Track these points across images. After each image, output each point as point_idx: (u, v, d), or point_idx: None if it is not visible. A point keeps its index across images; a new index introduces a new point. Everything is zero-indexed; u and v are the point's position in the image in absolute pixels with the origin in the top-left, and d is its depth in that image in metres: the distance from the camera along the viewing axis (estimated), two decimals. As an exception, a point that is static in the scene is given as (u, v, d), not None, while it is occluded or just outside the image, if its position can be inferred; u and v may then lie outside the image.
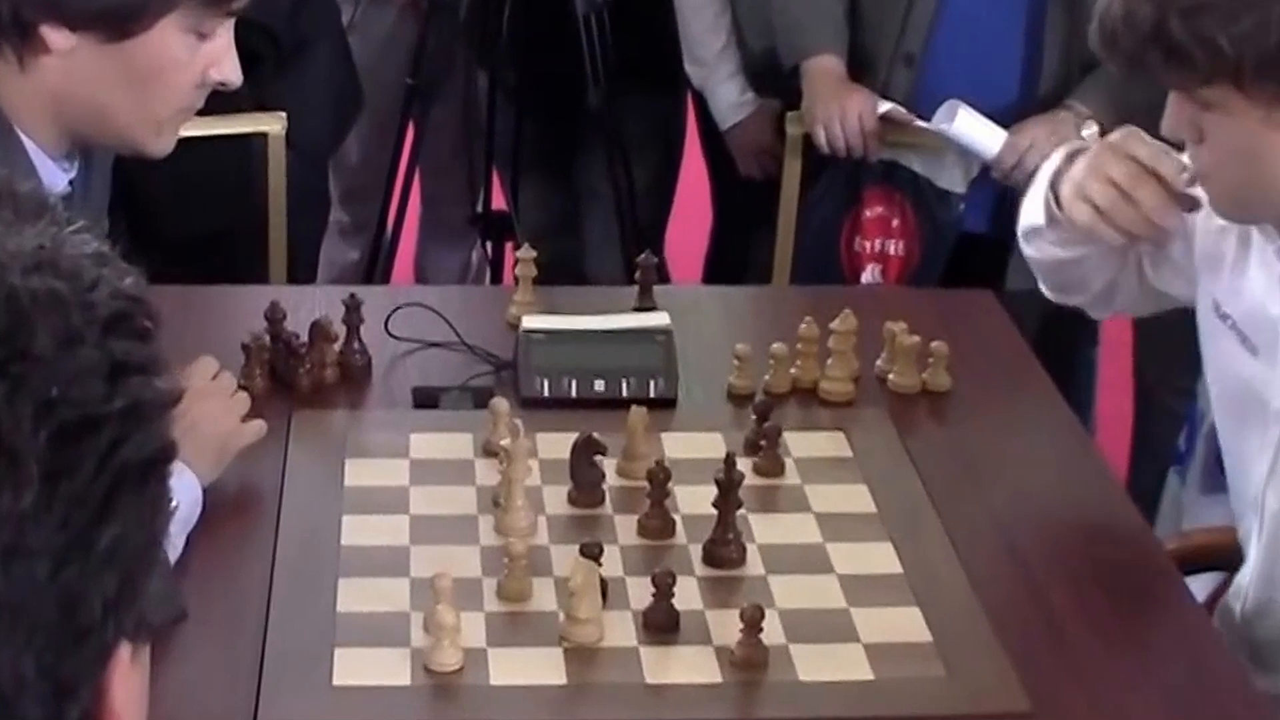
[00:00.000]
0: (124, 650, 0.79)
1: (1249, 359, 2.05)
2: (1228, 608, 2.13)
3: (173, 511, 0.81)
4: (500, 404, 2.20)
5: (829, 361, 2.38)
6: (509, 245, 3.71)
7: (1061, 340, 3.18)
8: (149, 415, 0.77)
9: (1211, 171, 1.97)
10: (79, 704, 0.77)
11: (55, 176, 1.93)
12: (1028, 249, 2.30)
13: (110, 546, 0.75)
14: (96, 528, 0.75)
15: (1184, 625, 2.01)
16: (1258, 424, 2.04)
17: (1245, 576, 2.11)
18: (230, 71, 1.95)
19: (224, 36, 1.93)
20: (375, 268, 3.72)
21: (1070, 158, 2.16)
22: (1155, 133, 2.06)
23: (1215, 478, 2.29)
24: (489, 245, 3.95)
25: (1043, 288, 2.37)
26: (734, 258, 3.77)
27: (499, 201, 3.87)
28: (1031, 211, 2.25)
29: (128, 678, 0.79)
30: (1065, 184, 2.14)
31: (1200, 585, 2.27)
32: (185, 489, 1.97)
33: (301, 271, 3.43)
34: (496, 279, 3.90)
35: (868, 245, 3.23)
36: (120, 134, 1.95)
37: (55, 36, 1.84)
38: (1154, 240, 2.14)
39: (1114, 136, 2.15)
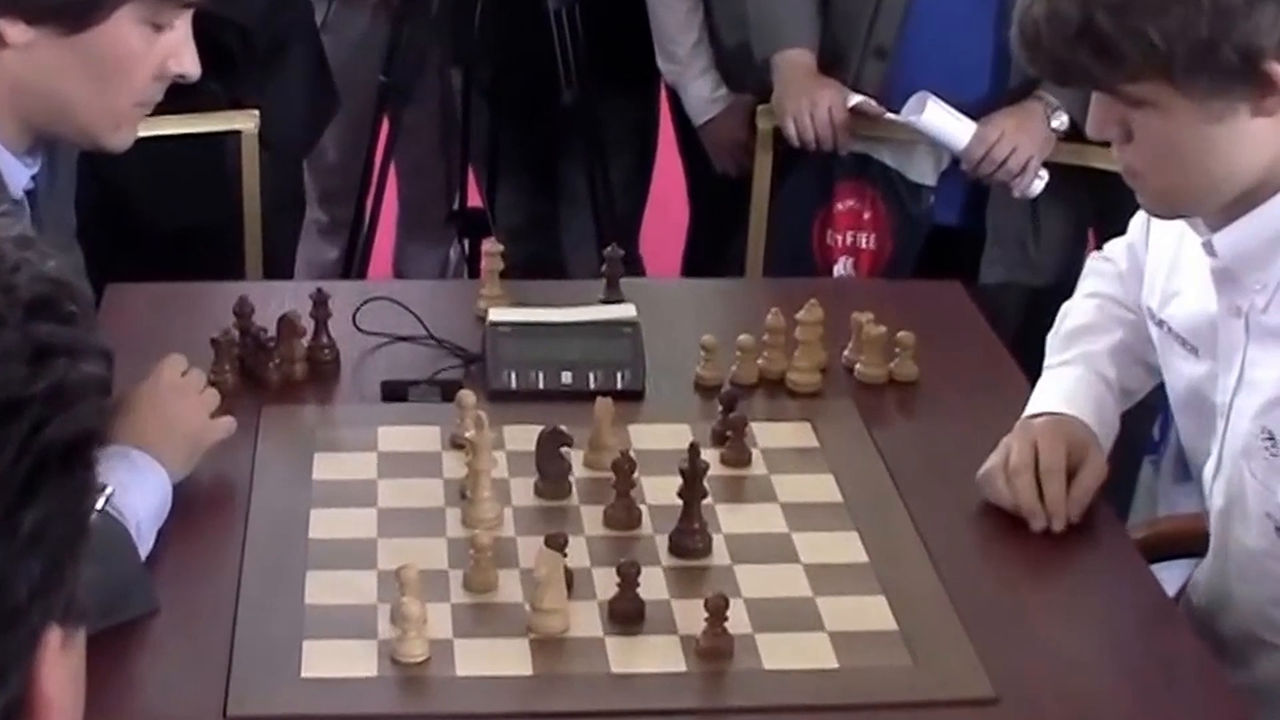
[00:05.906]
0: (54, 635, 0.79)
1: (1192, 360, 2.05)
2: (1188, 599, 2.14)
3: (109, 496, 0.81)
4: (467, 396, 2.20)
5: (796, 352, 2.38)
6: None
7: (1042, 333, 3.17)
8: (73, 398, 0.77)
9: (1142, 170, 1.92)
10: (8, 690, 0.77)
11: (18, 173, 1.93)
12: None
13: (34, 530, 0.75)
14: (19, 511, 0.75)
15: (1150, 614, 2.01)
16: (1206, 422, 2.03)
17: (1201, 571, 2.11)
18: (189, 64, 1.95)
19: (182, 29, 1.94)
20: (352, 266, 3.72)
21: None
22: None
23: (1186, 467, 2.29)
24: (466, 243, 3.96)
25: None
26: (710, 252, 3.78)
27: (475, 199, 3.87)
28: None
29: (59, 663, 0.79)
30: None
31: (1175, 574, 2.27)
32: (156, 485, 1.97)
33: (278, 271, 3.43)
34: (474, 277, 3.89)
35: (839, 239, 3.23)
36: (80, 128, 1.95)
37: (12, 30, 1.85)
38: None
39: (1042, 426, 2.16)
